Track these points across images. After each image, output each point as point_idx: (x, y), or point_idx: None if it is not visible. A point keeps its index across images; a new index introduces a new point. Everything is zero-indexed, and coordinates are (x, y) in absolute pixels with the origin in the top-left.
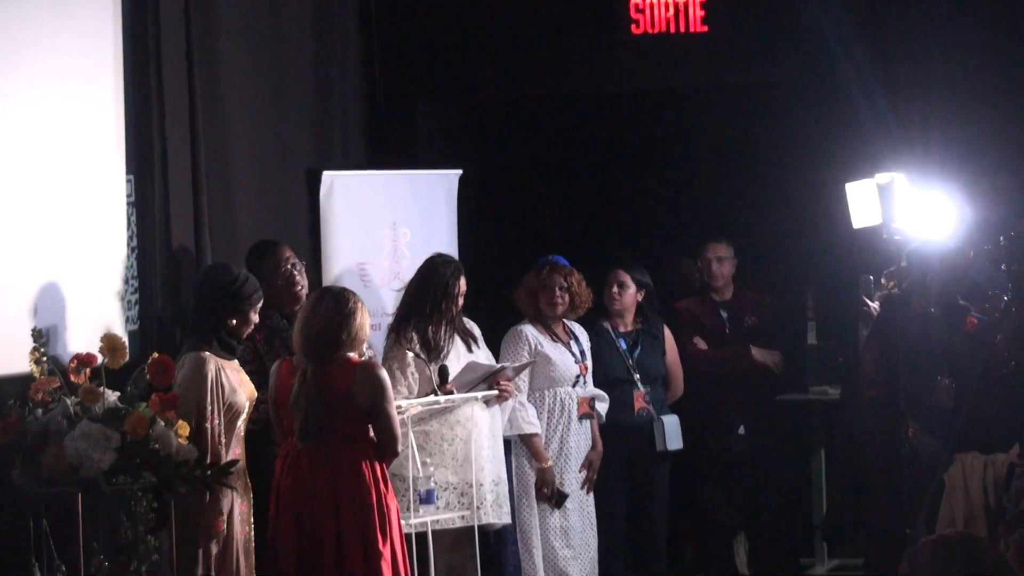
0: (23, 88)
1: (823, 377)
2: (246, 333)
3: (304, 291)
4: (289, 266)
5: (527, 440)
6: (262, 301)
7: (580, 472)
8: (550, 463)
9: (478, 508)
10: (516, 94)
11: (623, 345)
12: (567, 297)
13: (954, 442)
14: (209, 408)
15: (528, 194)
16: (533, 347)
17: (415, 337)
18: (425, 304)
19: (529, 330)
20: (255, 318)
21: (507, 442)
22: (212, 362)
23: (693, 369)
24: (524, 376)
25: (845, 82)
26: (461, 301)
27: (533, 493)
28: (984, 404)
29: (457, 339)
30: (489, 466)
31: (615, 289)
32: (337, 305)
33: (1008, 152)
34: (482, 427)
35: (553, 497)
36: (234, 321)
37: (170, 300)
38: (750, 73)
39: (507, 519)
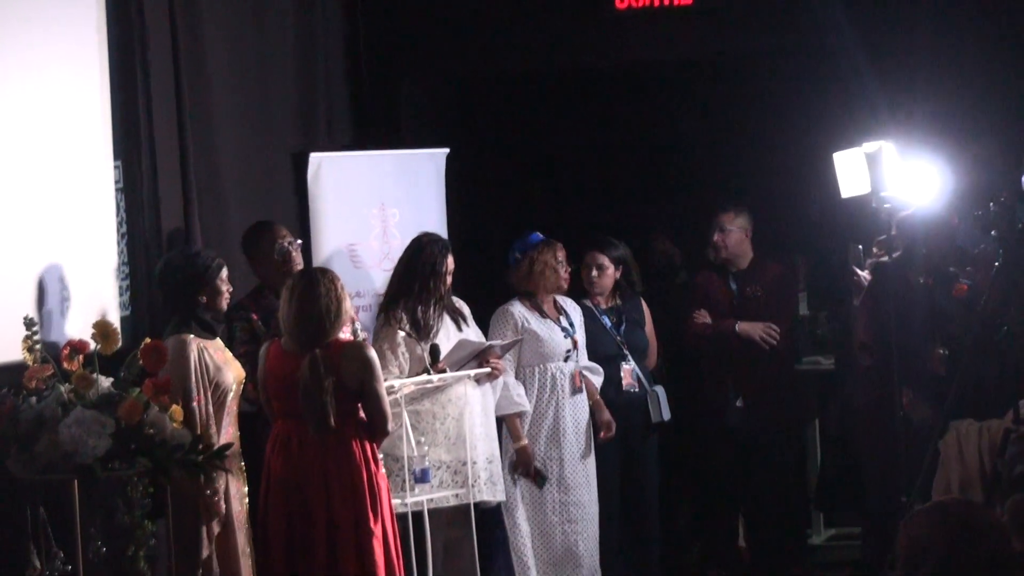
0: (7, 75)
1: (816, 348)
2: (223, 304)
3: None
4: (286, 244)
5: (507, 418)
6: (224, 268)
7: (601, 438)
8: (525, 442)
9: (472, 486)
10: (501, 71)
11: (607, 322)
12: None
13: (948, 409)
14: (194, 389)
15: (516, 171)
16: (520, 325)
17: (404, 317)
18: (414, 283)
19: (517, 308)
20: (224, 287)
21: (500, 420)
22: (194, 344)
23: (689, 342)
24: (511, 355)
25: (830, 51)
26: (450, 280)
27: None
28: (977, 370)
29: (447, 318)
30: (482, 444)
31: (594, 272)
32: (328, 291)
33: (993, 119)
34: (474, 405)
35: (532, 476)
36: (204, 297)
37: (158, 284)
38: (735, 45)
39: (501, 496)
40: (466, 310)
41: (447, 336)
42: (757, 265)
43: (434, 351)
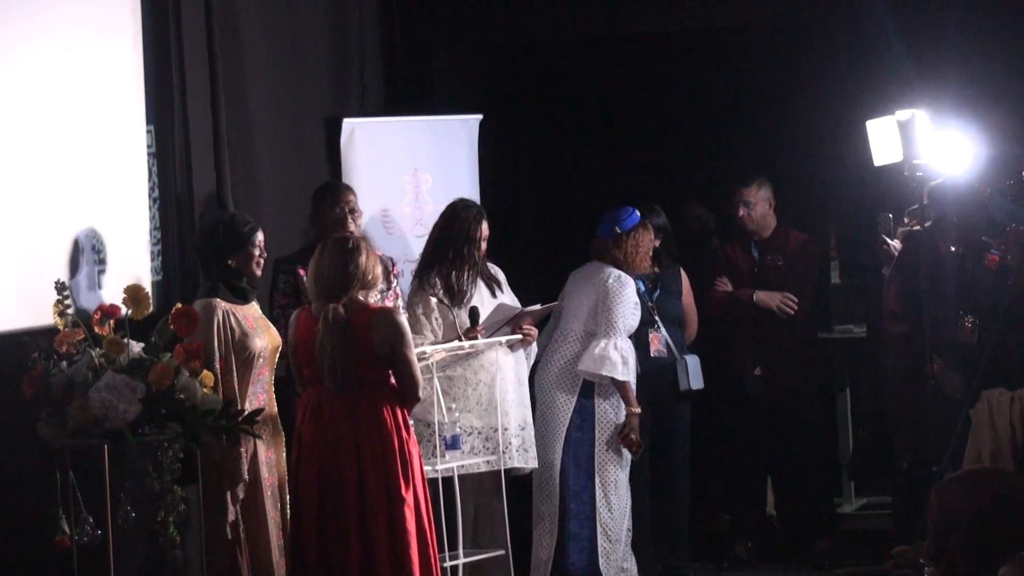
0: (40, 41)
1: (847, 316)
2: (254, 272)
3: None
4: (346, 209)
5: (619, 384)
6: (259, 233)
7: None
8: (637, 409)
9: (503, 452)
10: (534, 38)
11: (641, 287)
12: None
13: (979, 378)
14: (217, 352)
15: (548, 138)
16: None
17: (439, 283)
18: (448, 250)
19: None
20: (257, 252)
21: (585, 384)
22: (220, 307)
23: (706, 311)
24: (619, 318)
25: (861, 19)
26: (484, 246)
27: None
28: (1008, 340)
29: (481, 284)
30: (514, 411)
31: None
32: (338, 245)
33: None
34: (506, 372)
35: (636, 444)
36: (233, 261)
37: (192, 251)
38: (767, 13)
39: (534, 463)
40: (501, 276)
41: (481, 302)
42: (780, 234)
43: (473, 314)
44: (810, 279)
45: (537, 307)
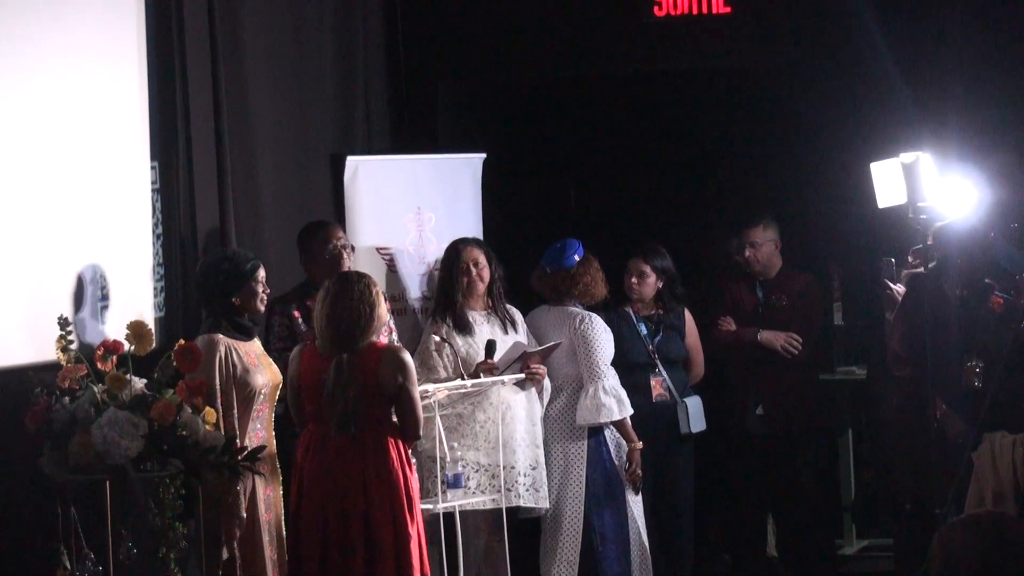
0: (45, 75)
1: (850, 357)
2: (258, 306)
3: None
4: (339, 246)
5: (617, 423)
6: (261, 270)
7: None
8: (638, 444)
9: (509, 491)
10: (539, 76)
11: (643, 330)
12: None
13: (982, 421)
14: (218, 388)
15: (552, 177)
16: None
17: (447, 317)
18: (446, 285)
19: None
20: (260, 288)
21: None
22: (223, 344)
23: (711, 350)
24: (600, 360)
25: (867, 61)
26: (476, 271)
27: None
28: (1012, 383)
29: (495, 321)
30: (523, 450)
31: (634, 279)
32: (361, 295)
33: None
34: (516, 410)
35: (637, 480)
36: (237, 299)
37: (196, 287)
38: (773, 54)
39: (544, 503)
40: (518, 317)
41: (496, 338)
42: (784, 275)
43: (490, 347)
44: (814, 320)
45: (538, 348)
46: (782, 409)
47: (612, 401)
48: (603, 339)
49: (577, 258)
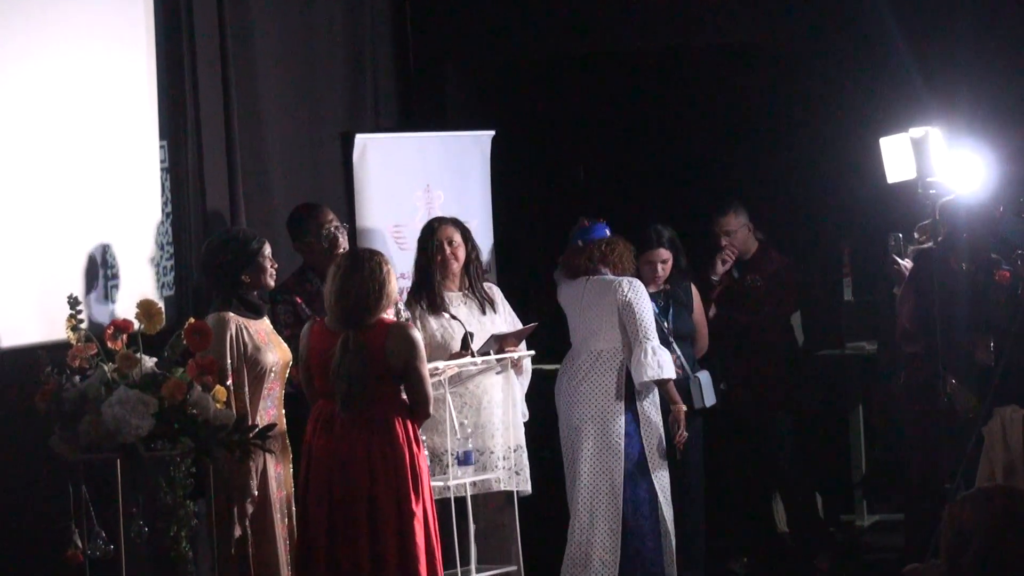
0: (54, 55)
1: (860, 333)
2: (268, 281)
3: None
4: (332, 228)
5: (662, 384)
6: (267, 246)
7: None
8: (681, 405)
9: (489, 475)
10: (548, 53)
11: (655, 307)
12: None
13: (992, 395)
14: (229, 367)
15: (560, 154)
16: None
17: (421, 299)
18: (422, 264)
19: None
20: (268, 264)
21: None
22: (233, 322)
23: None
24: (648, 324)
25: (876, 36)
26: (451, 249)
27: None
28: (1021, 357)
29: (472, 302)
30: (502, 433)
31: (659, 268)
32: (372, 272)
33: None
34: (493, 394)
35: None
36: (247, 277)
37: (200, 268)
38: (782, 30)
39: (525, 487)
40: (497, 295)
41: (472, 316)
42: (761, 254)
43: (465, 339)
44: (788, 301)
45: (512, 331)
46: (747, 388)
47: (664, 360)
48: (648, 302)
49: (608, 232)
